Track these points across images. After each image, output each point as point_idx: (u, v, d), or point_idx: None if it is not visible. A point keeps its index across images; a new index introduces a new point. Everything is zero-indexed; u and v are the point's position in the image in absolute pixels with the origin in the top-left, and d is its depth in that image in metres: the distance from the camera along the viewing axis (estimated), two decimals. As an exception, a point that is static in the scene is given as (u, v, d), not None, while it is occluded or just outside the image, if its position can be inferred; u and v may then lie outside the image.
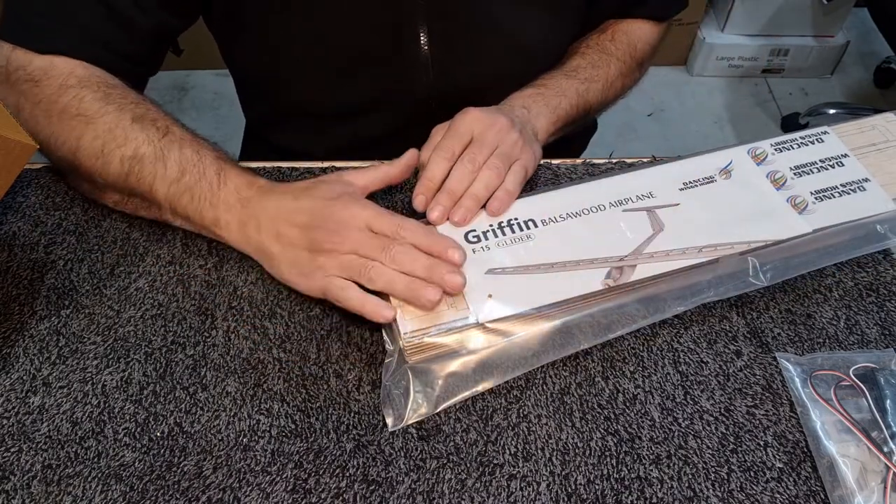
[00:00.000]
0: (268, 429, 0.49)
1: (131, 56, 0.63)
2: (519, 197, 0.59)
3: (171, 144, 0.56)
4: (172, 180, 0.55)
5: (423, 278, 0.51)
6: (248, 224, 0.55)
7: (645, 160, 0.66)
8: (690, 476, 0.47)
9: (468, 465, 0.47)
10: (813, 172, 0.60)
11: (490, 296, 0.52)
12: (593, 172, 0.66)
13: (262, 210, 0.54)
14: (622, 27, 0.77)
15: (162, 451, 0.48)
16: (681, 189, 0.59)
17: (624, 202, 0.58)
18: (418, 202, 0.57)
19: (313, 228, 0.52)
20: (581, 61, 0.73)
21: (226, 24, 0.69)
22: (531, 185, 0.64)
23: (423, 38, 0.67)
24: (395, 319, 0.50)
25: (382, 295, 0.51)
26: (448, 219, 0.56)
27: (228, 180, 0.56)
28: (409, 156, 0.59)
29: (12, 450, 0.48)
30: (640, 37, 0.77)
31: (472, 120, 0.60)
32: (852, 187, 0.59)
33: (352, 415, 0.50)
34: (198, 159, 0.56)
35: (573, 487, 0.46)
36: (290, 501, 0.46)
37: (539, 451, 0.48)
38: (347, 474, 0.47)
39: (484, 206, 0.57)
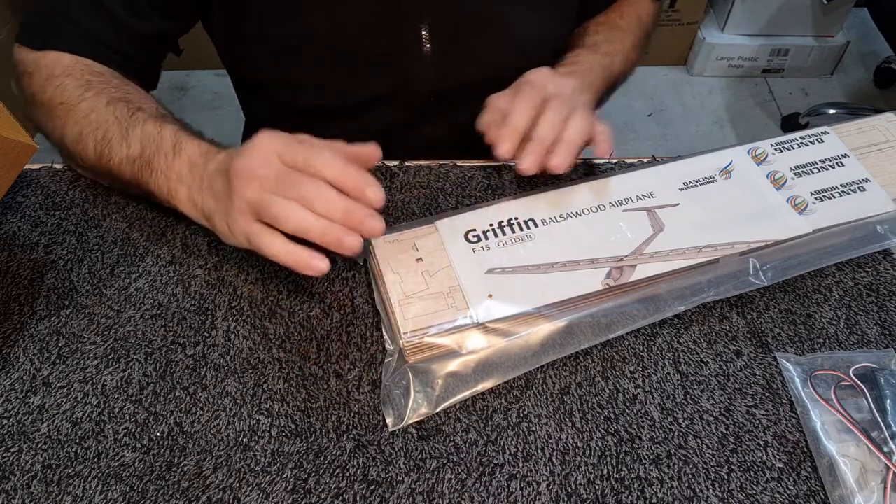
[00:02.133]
0: (268, 429, 0.49)
1: (126, 55, 0.65)
2: (519, 197, 0.59)
3: (136, 123, 0.57)
4: (135, 157, 0.56)
5: (342, 223, 0.46)
6: (193, 190, 0.54)
7: (645, 160, 0.66)
8: (690, 476, 0.47)
9: (468, 465, 0.47)
10: (813, 172, 0.60)
11: (490, 296, 0.52)
12: (593, 172, 0.66)
13: (204, 172, 0.53)
14: (627, 3, 0.80)
15: (162, 451, 0.48)
16: (681, 189, 0.59)
17: (624, 202, 0.58)
18: (504, 150, 0.56)
19: (230, 167, 0.49)
20: (598, 37, 0.75)
21: (227, 25, 0.69)
22: (531, 185, 0.64)
23: (424, 37, 0.67)
24: (382, 292, 0.50)
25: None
26: (544, 164, 0.55)
27: (183, 151, 0.55)
28: (371, 148, 0.52)
29: (12, 450, 0.48)
30: (643, 11, 0.80)
31: (545, 75, 0.61)
32: (852, 187, 0.59)
33: (352, 415, 0.50)
34: (157, 133, 0.56)
35: (573, 487, 0.46)
36: (290, 501, 0.46)
37: (539, 451, 0.48)
38: (347, 474, 0.47)
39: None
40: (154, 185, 0.56)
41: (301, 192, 0.46)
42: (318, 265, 0.46)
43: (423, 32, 0.67)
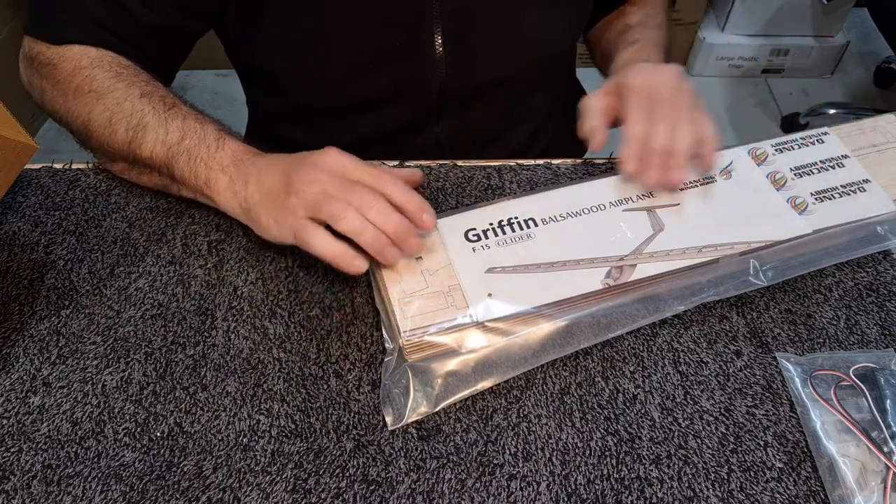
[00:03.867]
0: (268, 429, 0.49)
1: (141, 49, 0.64)
2: (519, 196, 0.59)
3: (176, 115, 0.58)
4: (172, 143, 0.57)
5: (390, 236, 0.50)
6: (236, 181, 0.55)
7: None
8: (690, 476, 0.47)
9: (468, 465, 0.47)
10: (813, 173, 0.60)
11: (490, 295, 0.52)
12: (593, 172, 0.66)
13: (252, 167, 0.55)
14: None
15: (162, 451, 0.48)
16: (681, 189, 0.59)
17: (624, 202, 0.58)
18: (630, 166, 0.57)
19: (291, 171, 0.52)
20: (640, 16, 0.77)
21: (240, 23, 0.69)
22: (531, 185, 0.64)
23: (437, 36, 0.67)
24: (378, 285, 0.51)
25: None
26: (665, 179, 0.56)
27: (226, 145, 0.57)
28: (415, 172, 0.59)
29: (12, 450, 0.48)
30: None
31: (648, 74, 0.60)
32: (852, 188, 0.59)
33: (352, 415, 0.50)
34: (200, 127, 0.58)
35: (573, 487, 0.46)
36: (290, 501, 0.46)
37: (539, 451, 0.48)
38: (347, 474, 0.47)
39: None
40: (189, 172, 0.57)
41: (361, 200, 0.50)
42: (359, 264, 0.50)
43: (436, 32, 0.67)
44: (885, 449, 0.47)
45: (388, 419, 0.49)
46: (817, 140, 0.63)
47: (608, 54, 0.75)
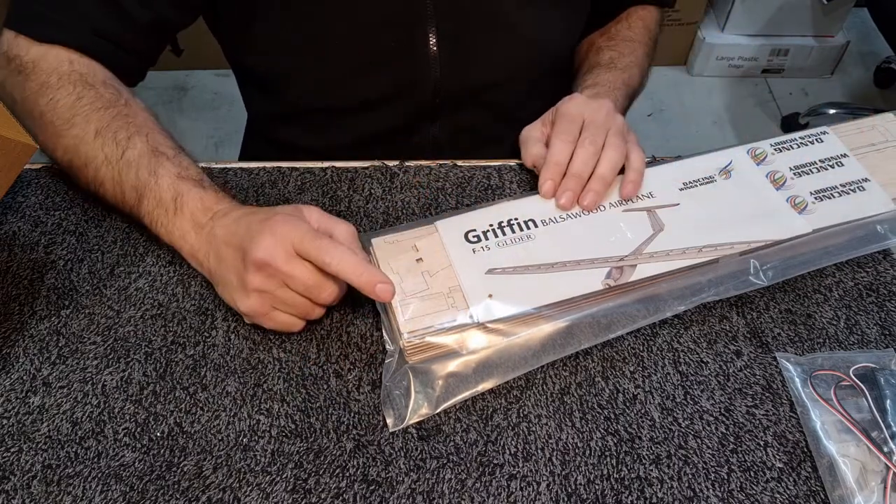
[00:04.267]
0: (268, 429, 0.49)
1: (127, 46, 0.63)
2: (519, 197, 0.59)
3: (129, 167, 0.56)
4: (132, 205, 0.56)
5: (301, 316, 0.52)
6: (198, 252, 0.54)
7: (645, 160, 0.66)
8: (690, 476, 0.47)
9: (468, 465, 0.47)
10: (812, 172, 0.61)
11: (490, 296, 0.52)
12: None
13: (211, 237, 0.53)
14: (634, 14, 0.80)
15: (162, 451, 0.48)
16: (681, 189, 0.59)
17: (624, 202, 0.58)
18: (547, 188, 0.58)
19: (242, 255, 0.50)
20: (612, 53, 0.75)
21: (236, 23, 0.69)
22: (532, 186, 0.64)
23: (432, 37, 0.67)
24: (387, 323, 0.51)
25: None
26: (577, 203, 0.57)
27: (184, 207, 0.54)
28: (380, 287, 0.49)
29: (12, 450, 0.48)
30: (650, 19, 0.81)
31: (579, 104, 0.62)
32: (852, 187, 0.59)
33: (352, 415, 0.50)
34: (154, 183, 0.55)
35: (573, 487, 0.46)
36: (290, 501, 0.46)
37: (539, 451, 0.48)
38: (347, 474, 0.47)
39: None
40: (156, 233, 0.56)
41: (285, 301, 0.50)
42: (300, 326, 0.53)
43: (431, 33, 0.67)
44: (885, 449, 0.47)
45: (389, 421, 0.49)
46: (816, 139, 0.63)
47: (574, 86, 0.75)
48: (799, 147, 0.63)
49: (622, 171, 0.60)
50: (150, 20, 0.63)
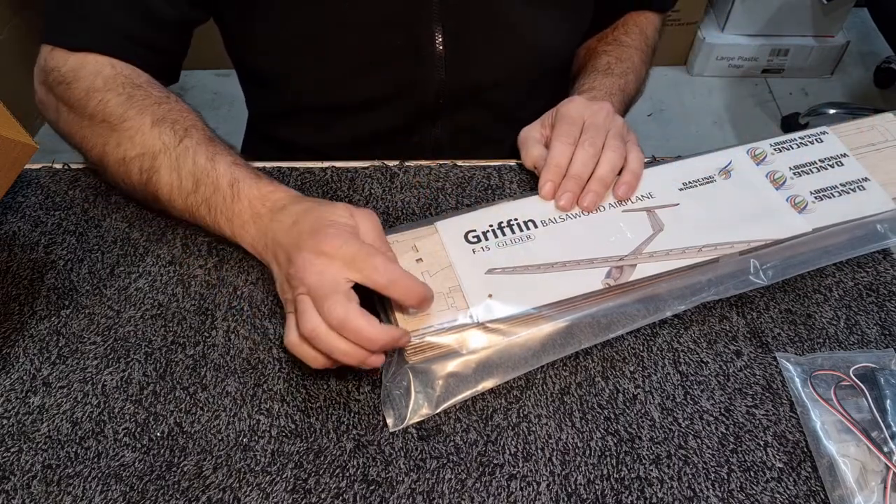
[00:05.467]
0: (268, 429, 0.49)
1: (158, 48, 0.64)
2: (519, 197, 0.59)
3: (186, 153, 0.56)
4: (189, 192, 0.56)
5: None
6: (257, 241, 0.54)
7: (645, 160, 0.66)
8: (690, 476, 0.47)
9: (468, 465, 0.47)
10: (812, 172, 0.61)
11: (490, 296, 0.52)
12: (593, 172, 0.66)
13: (269, 228, 0.53)
14: (632, 20, 0.80)
15: (162, 451, 0.48)
16: (680, 189, 0.59)
17: (623, 202, 0.58)
18: (547, 190, 0.58)
19: (298, 251, 0.49)
20: (609, 58, 0.75)
21: (239, 21, 0.69)
22: (532, 186, 0.64)
23: (437, 37, 0.67)
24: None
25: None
26: (577, 204, 0.57)
27: (242, 194, 0.55)
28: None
29: (12, 450, 0.48)
30: (648, 26, 0.81)
31: (580, 106, 0.62)
32: (852, 187, 0.59)
33: (352, 415, 0.50)
34: (211, 168, 0.56)
35: (573, 487, 0.46)
36: (290, 501, 0.46)
37: (539, 451, 0.48)
38: (347, 474, 0.47)
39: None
40: (213, 223, 0.56)
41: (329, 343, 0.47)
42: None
43: (436, 31, 0.67)
44: (885, 449, 0.47)
45: (390, 421, 0.49)
46: (816, 139, 0.63)
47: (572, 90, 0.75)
48: (799, 147, 0.63)
49: (622, 171, 0.60)
50: (176, 19, 0.64)
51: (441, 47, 0.68)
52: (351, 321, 0.46)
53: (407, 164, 0.66)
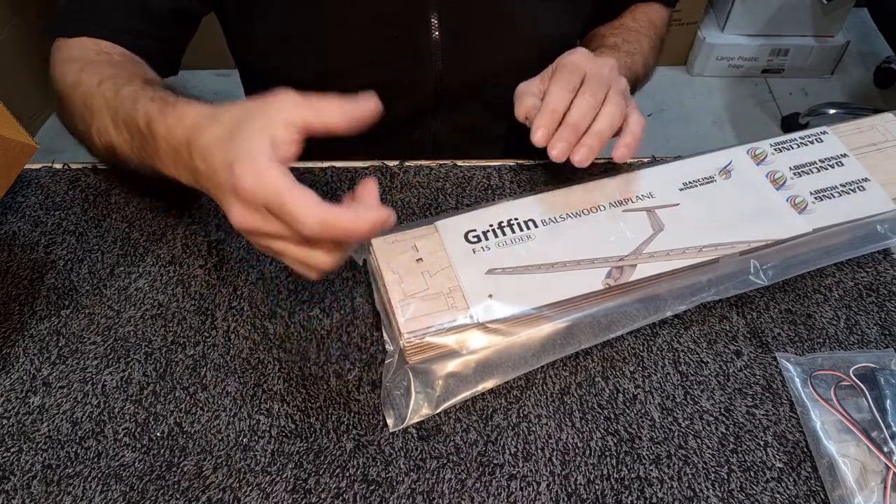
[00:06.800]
0: (268, 429, 0.49)
1: (148, 37, 0.64)
2: (519, 197, 0.59)
3: (121, 103, 0.52)
4: (128, 143, 0.52)
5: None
6: (188, 181, 0.47)
7: (645, 160, 0.66)
8: (690, 476, 0.47)
9: (468, 465, 0.47)
10: (812, 172, 0.60)
11: (490, 296, 0.52)
12: (593, 172, 0.65)
13: (188, 171, 0.46)
14: (640, 9, 0.80)
15: (162, 451, 0.48)
16: (681, 189, 0.59)
17: (624, 202, 0.58)
18: (540, 136, 0.54)
19: (228, 182, 0.42)
20: (617, 39, 0.74)
21: (239, 17, 0.69)
22: (531, 185, 0.64)
23: (434, 28, 0.67)
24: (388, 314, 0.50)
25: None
26: (570, 157, 0.54)
27: (156, 133, 0.48)
28: (365, 106, 0.46)
29: (12, 450, 0.48)
30: (656, 16, 0.80)
31: (583, 57, 0.58)
32: (852, 187, 0.59)
33: (352, 415, 0.50)
34: (134, 111, 0.50)
35: (573, 487, 0.46)
36: (290, 501, 0.46)
37: (539, 451, 0.48)
38: (347, 474, 0.47)
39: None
40: (159, 170, 0.50)
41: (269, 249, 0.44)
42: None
43: (434, 24, 0.67)
44: (885, 449, 0.47)
45: (390, 421, 0.49)
46: (816, 139, 0.63)
47: None
48: (799, 147, 0.63)
49: (618, 134, 0.57)
50: (170, 9, 0.64)
51: (437, 39, 0.67)
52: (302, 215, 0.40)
53: (407, 163, 0.66)
